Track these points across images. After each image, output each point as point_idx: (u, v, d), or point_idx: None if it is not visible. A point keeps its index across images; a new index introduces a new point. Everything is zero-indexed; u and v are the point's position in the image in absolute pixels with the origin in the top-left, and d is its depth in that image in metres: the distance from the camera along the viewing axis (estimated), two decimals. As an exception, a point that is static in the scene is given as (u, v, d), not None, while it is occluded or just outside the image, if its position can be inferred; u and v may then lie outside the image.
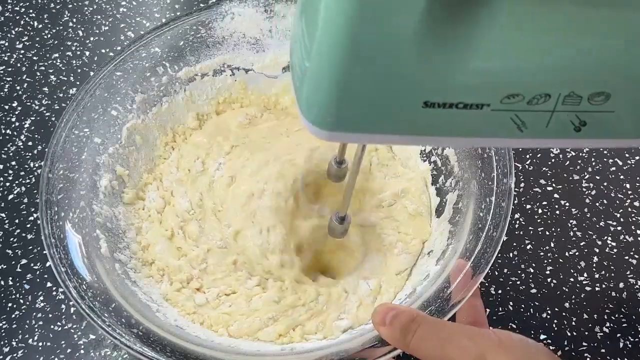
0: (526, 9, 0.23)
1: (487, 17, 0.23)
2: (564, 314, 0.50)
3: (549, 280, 0.51)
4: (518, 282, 0.51)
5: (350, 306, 0.46)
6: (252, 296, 0.46)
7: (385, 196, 0.51)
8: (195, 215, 0.50)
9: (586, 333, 0.49)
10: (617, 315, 0.49)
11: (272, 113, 0.57)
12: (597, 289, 0.51)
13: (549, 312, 0.50)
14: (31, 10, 0.70)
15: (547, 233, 0.54)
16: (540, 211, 0.55)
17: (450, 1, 0.22)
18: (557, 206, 0.55)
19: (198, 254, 0.48)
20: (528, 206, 0.55)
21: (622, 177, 0.57)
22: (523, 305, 0.50)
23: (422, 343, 0.34)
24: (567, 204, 0.55)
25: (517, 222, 0.54)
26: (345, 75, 0.24)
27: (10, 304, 0.50)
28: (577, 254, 0.53)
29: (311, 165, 0.52)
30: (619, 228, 0.54)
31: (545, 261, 0.52)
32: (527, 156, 0.58)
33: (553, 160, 0.58)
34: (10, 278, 0.52)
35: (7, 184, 0.57)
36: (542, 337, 0.49)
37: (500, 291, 0.51)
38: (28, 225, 0.54)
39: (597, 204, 0.55)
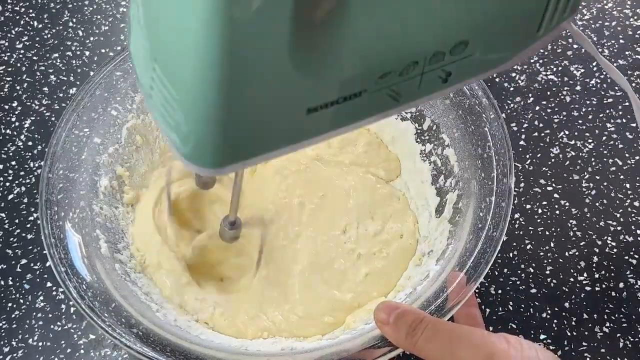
0: None
1: (345, 14, 0.23)
2: (564, 313, 0.50)
3: (548, 280, 0.51)
4: (518, 282, 0.51)
5: None
6: None
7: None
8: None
9: (586, 333, 0.49)
10: (617, 315, 0.49)
11: None
12: (597, 289, 0.51)
13: (549, 312, 0.50)
14: (31, 10, 0.70)
15: (547, 233, 0.54)
16: (540, 211, 0.55)
17: (310, 15, 0.22)
18: (557, 206, 0.55)
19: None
20: (528, 206, 0.55)
21: (622, 177, 0.57)
22: (523, 305, 0.50)
23: (429, 344, 0.34)
24: (567, 204, 0.55)
25: (517, 222, 0.54)
26: (227, 108, 0.23)
27: (10, 304, 0.50)
28: (577, 253, 0.53)
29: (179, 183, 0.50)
30: (619, 228, 0.54)
31: (545, 261, 0.52)
32: (527, 156, 0.58)
33: (553, 160, 0.58)
34: (10, 278, 0.52)
35: (7, 184, 0.57)
36: (542, 337, 0.49)
37: (500, 291, 0.51)
38: (28, 225, 0.54)
39: (597, 204, 0.55)
